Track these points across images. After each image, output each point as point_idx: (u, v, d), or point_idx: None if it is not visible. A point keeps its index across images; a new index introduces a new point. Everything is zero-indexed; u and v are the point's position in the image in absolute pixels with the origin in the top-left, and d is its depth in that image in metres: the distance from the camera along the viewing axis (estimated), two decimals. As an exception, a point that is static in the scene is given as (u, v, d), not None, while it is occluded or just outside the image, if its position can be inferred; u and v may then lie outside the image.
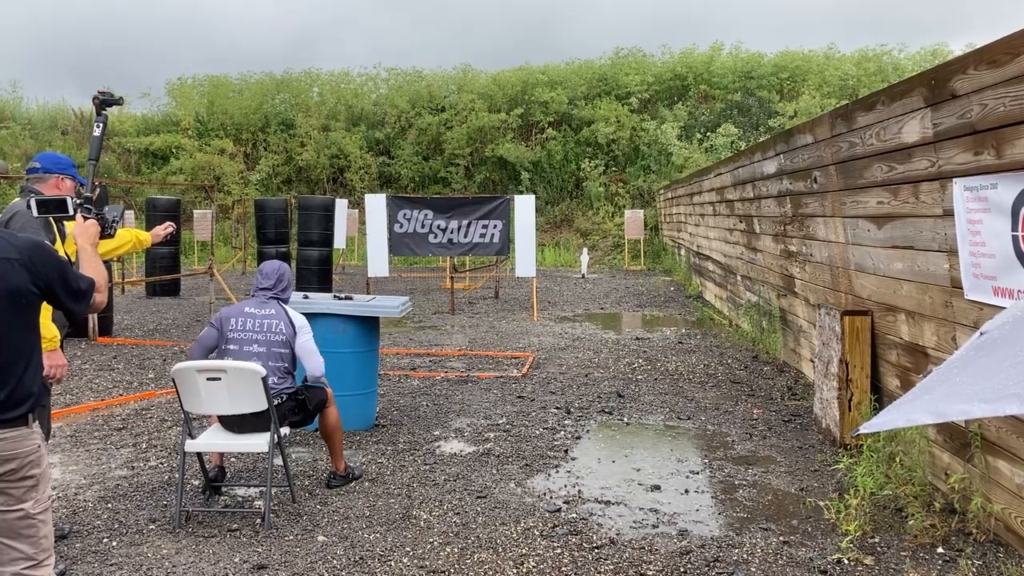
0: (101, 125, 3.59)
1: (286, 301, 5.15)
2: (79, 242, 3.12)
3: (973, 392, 1.54)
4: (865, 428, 1.82)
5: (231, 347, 4.88)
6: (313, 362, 4.93)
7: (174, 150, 28.19)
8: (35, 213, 3.26)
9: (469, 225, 13.99)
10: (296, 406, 4.96)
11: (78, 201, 3.27)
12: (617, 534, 4.47)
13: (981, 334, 1.78)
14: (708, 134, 25.60)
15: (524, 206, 13.85)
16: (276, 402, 4.69)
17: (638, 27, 62.38)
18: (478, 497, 5.02)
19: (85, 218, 3.20)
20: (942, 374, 1.66)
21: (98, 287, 2.93)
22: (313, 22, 69.38)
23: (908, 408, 1.67)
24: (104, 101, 3.65)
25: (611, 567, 4.05)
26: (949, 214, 4.50)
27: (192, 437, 4.69)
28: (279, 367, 4.89)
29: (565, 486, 5.26)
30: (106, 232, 3.29)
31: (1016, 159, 3.79)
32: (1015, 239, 3.80)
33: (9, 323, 2.67)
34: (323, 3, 76.44)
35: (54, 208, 3.28)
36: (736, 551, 4.23)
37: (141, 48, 58.38)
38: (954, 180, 4.38)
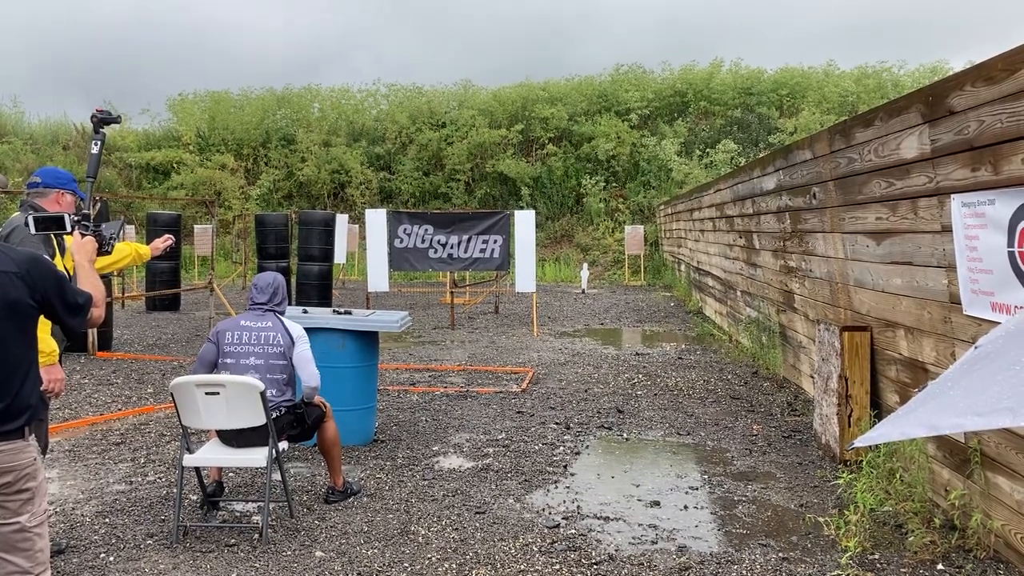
0: (99, 143, 3.62)
1: (282, 313, 5.10)
2: (76, 258, 3.14)
3: (966, 406, 1.55)
4: (860, 441, 1.84)
5: (228, 361, 4.85)
6: (308, 371, 4.89)
7: (175, 165, 28.27)
8: (33, 230, 3.28)
9: (469, 240, 14.02)
10: (295, 420, 4.93)
11: (76, 218, 3.30)
12: (616, 550, 4.45)
13: (976, 348, 1.79)
14: (708, 150, 25.68)
15: (524, 221, 13.87)
16: (274, 415, 4.67)
17: (640, 44, 62.68)
18: (477, 513, 5.00)
19: (83, 235, 3.23)
20: (937, 387, 1.67)
21: (96, 302, 2.95)
22: (316, 39, 69.78)
23: (903, 421, 1.68)
24: (102, 119, 3.68)
25: (610, 583, 4.03)
26: (947, 230, 4.51)
27: (190, 452, 4.69)
28: (277, 379, 4.85)
29: (564, 502, 5.24)
30: (103, 249, 3.32)
31: (1013, 175, 3.80)
32: (1012, 255, 3.80)
33: (7, 336, 2.67)
34: (327, 20, 76.90)
35: (52, 225, 3.29)
36: (735, 567, 4.21)
37: (144, 63, 58.67)
38: (952, 196, 4.40)
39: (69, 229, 3.25)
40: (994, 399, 1.51)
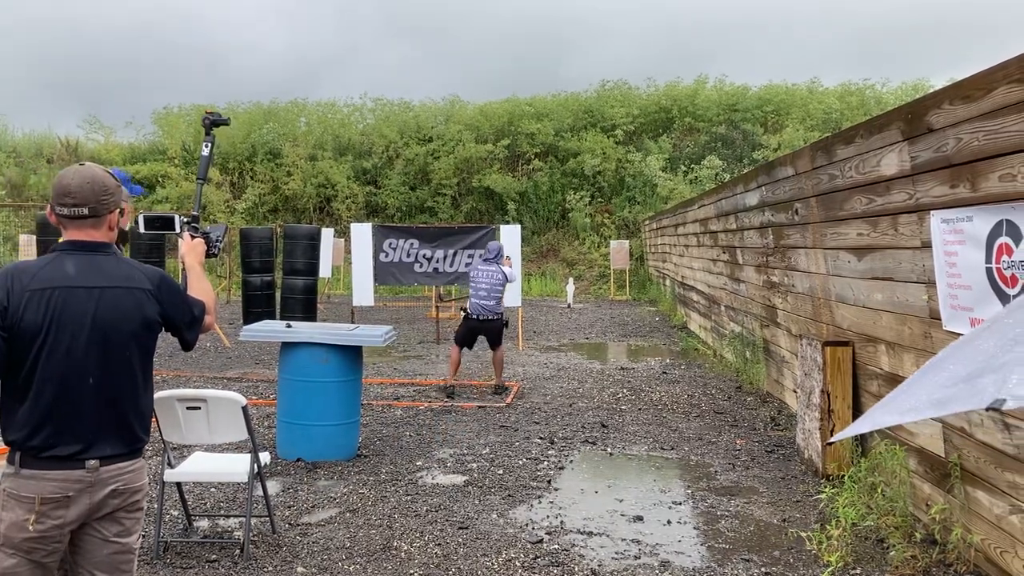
0: (209, 145, 3.67)
1: (500, 262, 9.34)
2: (187, 260, 3.15)
3: (898, 406, 1.75)
4: (834, 438, 2.07)
5: (472, 283, 9.26)
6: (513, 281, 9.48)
7: (160, 179, 28.15)
8: (142, 229, 3.31)
9: (455, 254, 14.02)
10: (502, 325, 9.16)
11: (185, 220, 3.32)
12: (599, 565, 4.44)
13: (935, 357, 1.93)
14: (693, 166, 25.83)
15: (510, 236, 13.89)
16: (496, 318, 9.14)
17: (630, 58, 63.00)
18: (460, 528, 4.99)
19: (192, 236, 3.23)
20: (899, 389, 1.83)
21: (208, 309, 2.97)
22: (306, 55, 69.86)
23: (867, 419, 1.84)
24: (213, 121, 3.74)
25: (593, 599, 4.02)
26: (927, 246, 4.55)
27: (171, 467, 4.66)
28: (497, 297, 9.11)
29: (547, 517, 5.23)
30: (211, 252, 3.31)
31: (990, 192, 3.85)
32: (989, 271, 3.85)
33: (141, 353, 2.72)
34: (317, 37, 77.05)
35: (161, 225, 3.34)
36: (718, 582, 4.21)
37: (130, 77, 58.54)
38: (931, 212, 4.45)
39: (178, 230, 3.28)
40: (914, 398, 1.72)
